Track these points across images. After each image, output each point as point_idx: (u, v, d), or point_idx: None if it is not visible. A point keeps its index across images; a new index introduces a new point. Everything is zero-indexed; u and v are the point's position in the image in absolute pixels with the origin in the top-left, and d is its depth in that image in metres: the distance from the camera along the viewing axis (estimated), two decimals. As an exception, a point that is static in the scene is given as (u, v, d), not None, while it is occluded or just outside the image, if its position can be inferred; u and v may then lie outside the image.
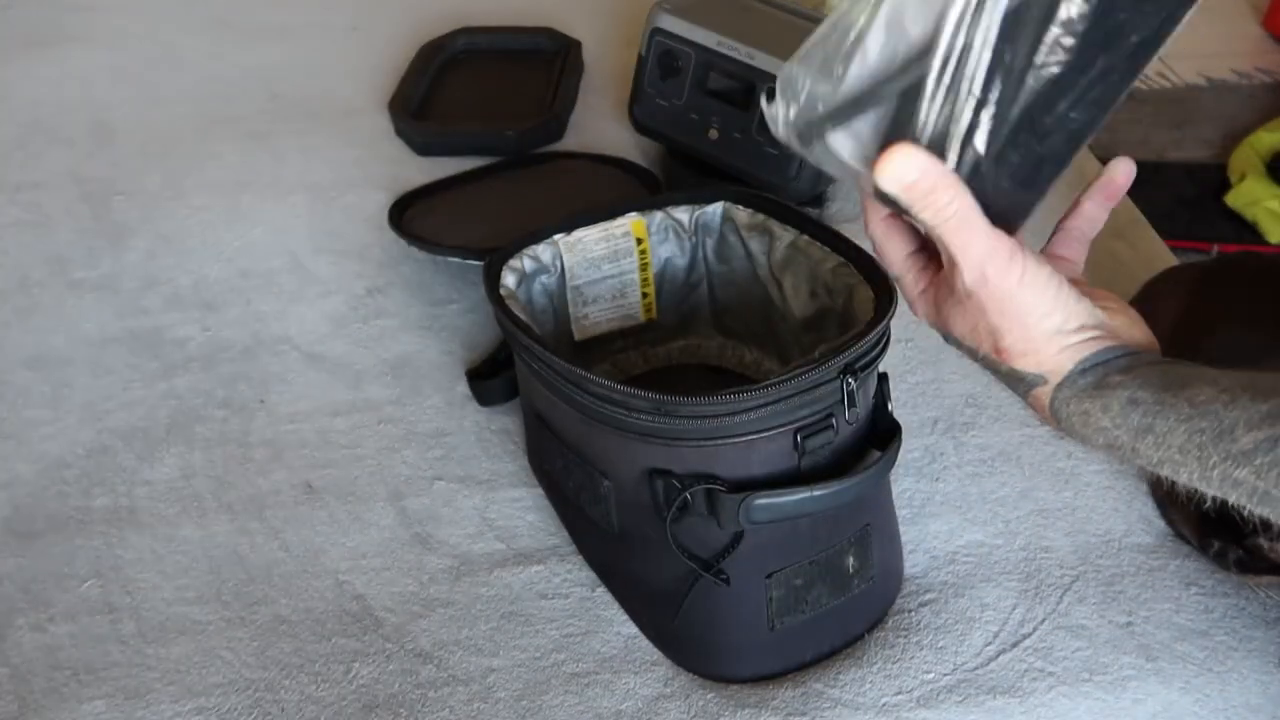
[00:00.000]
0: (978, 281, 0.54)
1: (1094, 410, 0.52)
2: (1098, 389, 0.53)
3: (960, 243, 0.53)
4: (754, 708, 0.73)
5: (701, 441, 0.68)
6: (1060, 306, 0.54)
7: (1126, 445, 0.51)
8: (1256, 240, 1.88)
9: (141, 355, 0.97)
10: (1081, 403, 0.53)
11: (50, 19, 1.41)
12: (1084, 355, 0.54)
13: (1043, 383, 0.55)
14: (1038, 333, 0.54)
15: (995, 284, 0.54)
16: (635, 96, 1.10)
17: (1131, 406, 0.51)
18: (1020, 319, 0.54)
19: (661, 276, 0.90)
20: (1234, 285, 0.93)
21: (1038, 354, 0.55)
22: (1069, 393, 0.54)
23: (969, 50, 0.51)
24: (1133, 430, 0.51)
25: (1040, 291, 0.54)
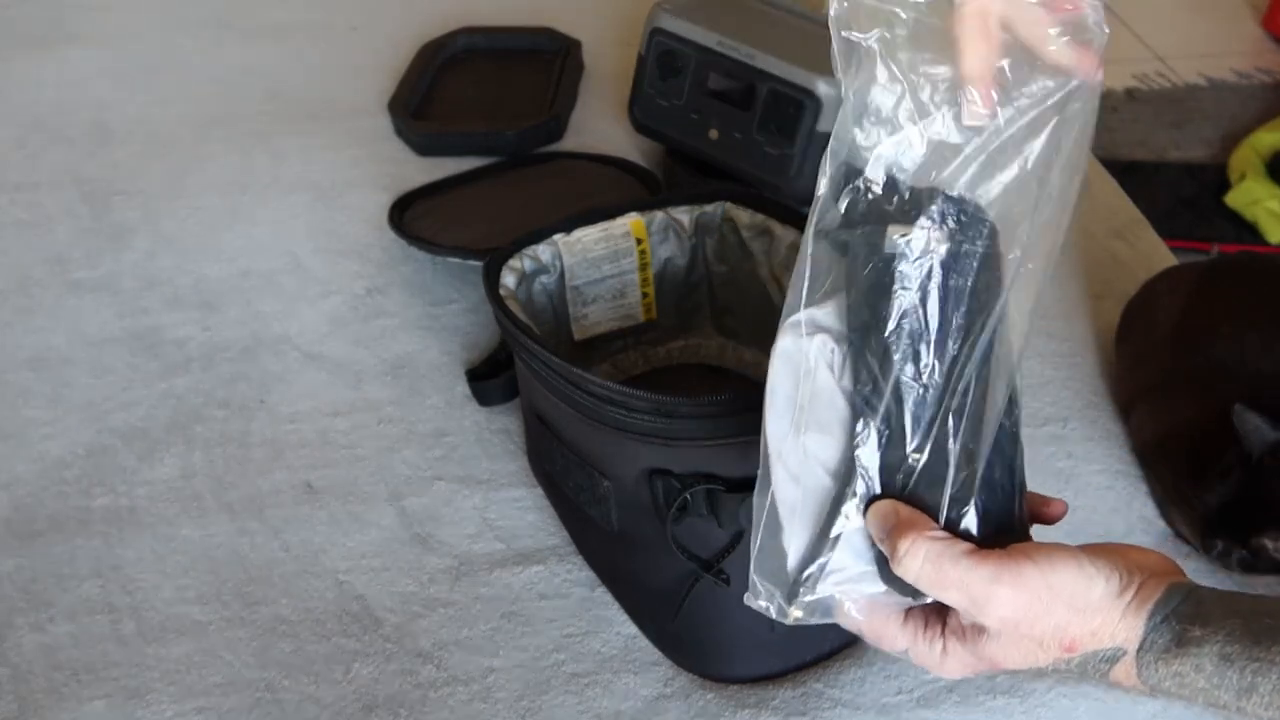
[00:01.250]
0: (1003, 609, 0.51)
1: (1186, 671, 0.49)
2: (1181, 646, 0.49)
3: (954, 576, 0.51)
4: (754, 708, 0.73)
5: (701, 441, 0.68)
6: (1095, 573, 0.51)
7: (1231, 704, 0.49)
8: (1256, 240, 1.88)
9: (141, 355, 0.97)
10: (1169, 665, 0.50)
11: (50, 19, 1.41)
12: (1147, 609, 0.50)
13: (1122, 655, 0.51)
14: (1092, 608, 0.51)
15: (1024, 596, 0.50)
16: (635, 96, 1.10)
17: (1226, 664, 0.48)
18: (1068, 604, 0.51)
19: (661, 276, 0.90)
20: (1234, 285, 0.93)
21: (1105, 628, 0.51)
22: (1153, 656, 0.50)
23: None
24: (1234, 690, 0.48)
25: (1065, 569, 0.51)
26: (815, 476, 0.54)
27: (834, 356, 0.54)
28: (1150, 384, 0.90)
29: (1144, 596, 0.51)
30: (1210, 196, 1.95)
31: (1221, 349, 0.86)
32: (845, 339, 0.54)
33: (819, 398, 0.54)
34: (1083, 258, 1.08)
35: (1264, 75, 2.33)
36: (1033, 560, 0.51)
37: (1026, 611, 0.50)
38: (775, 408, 0.55)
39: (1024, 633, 0.51)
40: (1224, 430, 0.80)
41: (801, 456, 0.54)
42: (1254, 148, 1.98)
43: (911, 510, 0.53)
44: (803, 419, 0.54)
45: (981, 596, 0.51)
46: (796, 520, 0.55)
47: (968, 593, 0.51)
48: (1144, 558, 0.53)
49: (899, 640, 0.56)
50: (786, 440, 0.54)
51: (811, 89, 0.98)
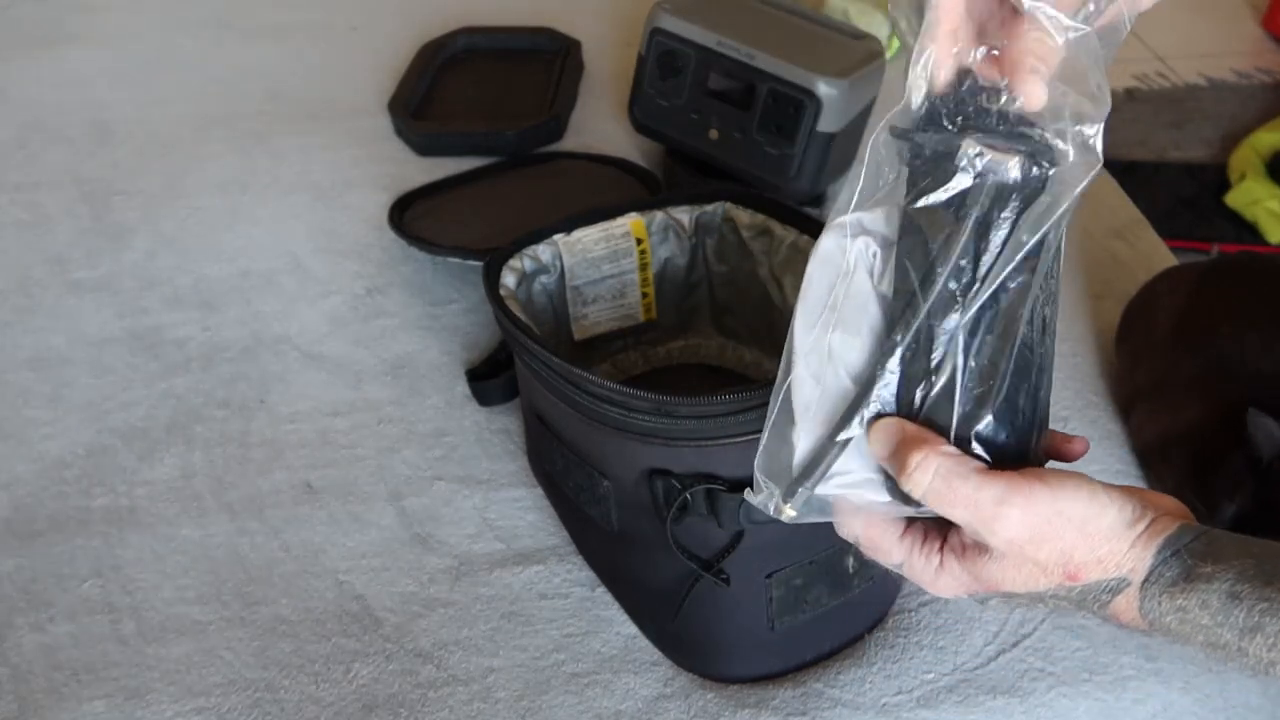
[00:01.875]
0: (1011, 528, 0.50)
1: (1191, 606, 0.48)
2: (1189, 581, 0.48)
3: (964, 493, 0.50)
4: (754, 708, 0.73)
5: (701, 441, 0.68)
6: (1108, 502, 0.50)
7: (1232, 644, 0.48)
8: (1256, 240, 1.88)
9: (141, 355, 0.97)
10: (1174, 599, 0.49)
11: (50, 19, 1.41)
12: (1158, 542, 0.49)
13: (1126, 585, 0.50)
14: (1103, 535, 0.50)
15: (1032, 517, 0.49)
16: (635, 96, 1.10)
17: (1233, 602, 0.47)
18: (1079, 529, 0.50)
19: (661, 276, 0.90)
20: (1234, 285, 0.93)
21: (1112, 556, 0.50)
22: (1158, 589, 0.49)
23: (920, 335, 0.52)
24: (1238, 629, 0.47)
25: (1076, 494, 0.50)
26: (836, 377, 0.53)
27: (875, 261, 0.53)
28: (1150, 384, 0.90)
29: (1156, 530, 0.50)
30: (1210, 196, 1.95)
31: (1222, 349, 0.86)
32: (890, 245, 0.53)
33: (852, 299, 0.53)
34: (1083, 258, 1.08)
35: (1264, 75, 2.33)
36: (1045, 483, 0.50)
37: (1034, 533, 0.50)
38: (806, 304, 0.54)
39: (1029, 555, 0.50)
40: (1225, 431, 0.80)
41: (825, 355, 0.53)
42: (1254, 148, 1.98)
43: (919, 428, 0.52)
44: (832, 318, 0.53)
45: (989, 515, 0.50)
46: (810, 418, 0.53)
47: (976, 511, 0.50)
48: (1160, 499, 0.52)
49: (895, 553, 0.55)
50: (812, 337, 0.53)
51: (811, 89, 0.98)
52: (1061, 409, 0.93)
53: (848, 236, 0.53)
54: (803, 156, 1.01)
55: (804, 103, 0.98)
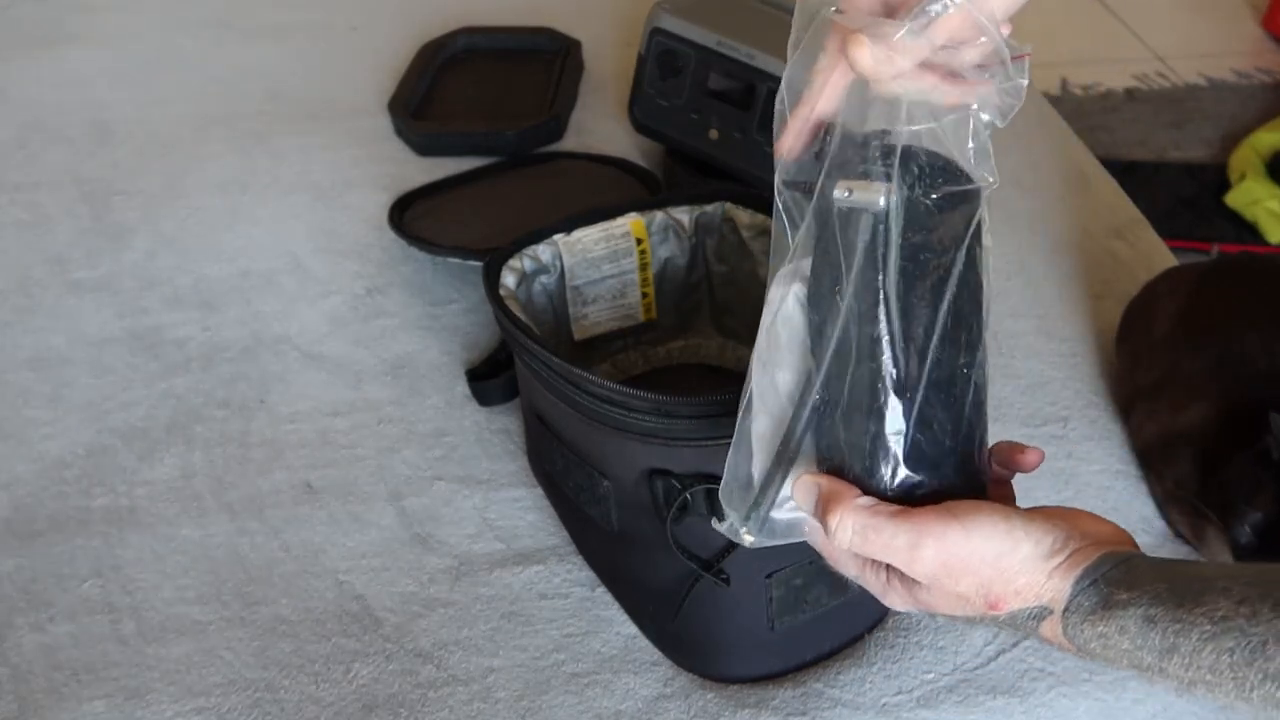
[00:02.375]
0: (927, 566, 0.52)
1: (1111, 633, 0.49)
2: (1107, 609, 0.50)
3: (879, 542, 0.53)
4: (754, 708, 0.73)
5: (701, 441, 0.68)
6: (1024, 536, 0.52)
7: (1153, 665, 0.49)
8: (1256, 240, 1.88)
9: (141, 355, 0.97)
10: (1095, 626, 0.50)
11: (50, 19, 1.41)
12: (1077, 573, 0.51)
13: (1048, 614, 0.52)
14: (1016, 569, 0.52)
15: (945, 555, 0.52)
16: (635, 96, 1.10)
17: (1149, 625, 0.48)
18: (993, 565, 0.52)
19: (661, 276, 0.90)
20: (1234, 285, 0.93)
21: (1030, 588, 0.52)
22: (1078, 618, 0.50)
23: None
24: (1156, 651, 0.48)
25: (992, 533, 0.52)
26: (782, 409, 0.57)
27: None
28: (1150, 384, 0.90)
29: (1076, 560, 0.51)
30: (1210, 196, 1.95)
31: (1222, 349, 0.86)
32: None
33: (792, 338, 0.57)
34: (1083, 258, 1.08)
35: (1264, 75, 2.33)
36: (959, 520, 0.52)
37: (948, 570, 0.52)
38: (758, 346, 0.58)
39: (949, 589, 0.53)
40: (1228, 431, 0.80)
41: (774, 391, 0.57)
42: (1254, 148, 1.98)
43: (833, 481, 0.55)
44: (775, 356, 0.57)
45: (906, 558, 0.53)
46: (762, 450, 0.58)
47: (894, 556, 0.53)
48: (1094, 526, 0.54)
49: (850, 568, 0.58)
50: (761, 375, 0.58)
51: (811, 89, 0.98)
52: (1061, 409, 0.93)
53: (785, 282, 0.58)
54: (803, 156, 1.00)
55: (804, 103, 0.98)
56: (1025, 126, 1.24)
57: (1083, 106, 2.20)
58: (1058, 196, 1.16)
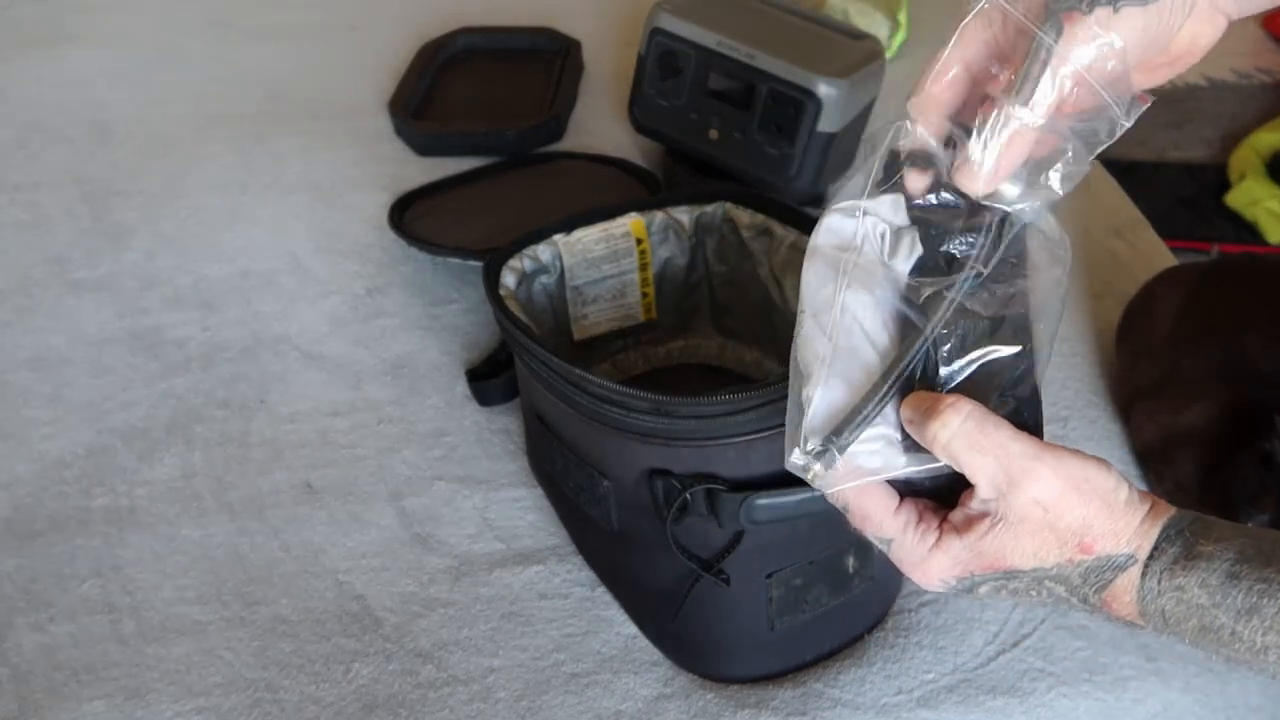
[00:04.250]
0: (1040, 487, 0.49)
1: (1190, 585, 0.48)
2: (1190, 559, 0.48)
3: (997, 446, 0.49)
4: (754, 708, 0.73)
5: (701, 441, 0.68)
6: (1120, 480, 0.50)
7: (1226, 627, 0.47)
8: (1256, 240, 1.88)
9: (141, 355, 0.97)
10: (1174, 577, 0.48)
11: (50, 19, 1.41)
12: (1163, 521, 0.50)
13: (1132, 563, 0.49)
14: (1119, 508, 0.50)
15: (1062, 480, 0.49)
16: (635, 96, 1.10)
17: (1232, 582, 0.47)
18: (1104, 499, 0.49)
19: (661, 276, 0.90)
20: (1234, 285, 0.93)
21: (1126, 530, 0.50)
22: (1161, 566, 0.49)
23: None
24: (1235, 610, 0.47)
25: (1099, 469, 0.50)
26: (848, 334, 0.53)
27: (884, 239, 0.54)
28: (1150, 384, 0.90)
29: (1159, 511, 0.50)
30: (1210, 196, 1.95)
31: (1222, 349, 0.86)
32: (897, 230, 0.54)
33: (862, 269, 0.53)
34: (1083, 257, 1.08)
35: (1264, 75, 2.32)
36: (1072, 453, 0.50)
37: (1062, 497, 0.49)
38: (815, 267, 0.54)
39: (1050, 521, 0.49)
40: (1229, 432, 0.80)
41: (839, 312, 0.53)
42: (1254, 148, 1.98)
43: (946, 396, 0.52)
44: (844, 280, 0.53)
45: (1019, 470, 0.49)
46: (824, 372, 0.53)
47: (1007, 463, 0.49)
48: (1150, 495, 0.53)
49: (887, 525, 0.53)
50: (823, 295, 0.53)
51: (811, 89, 0.98)
52: (1061, 409, 0.93)
53: (853, 215, 0.54)
54: (803, 156, 1.01)
55: (804, 103, 0.98)
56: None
57: (1083, 106, 2.19)
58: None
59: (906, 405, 0.52)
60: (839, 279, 0.54)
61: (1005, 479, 0.49)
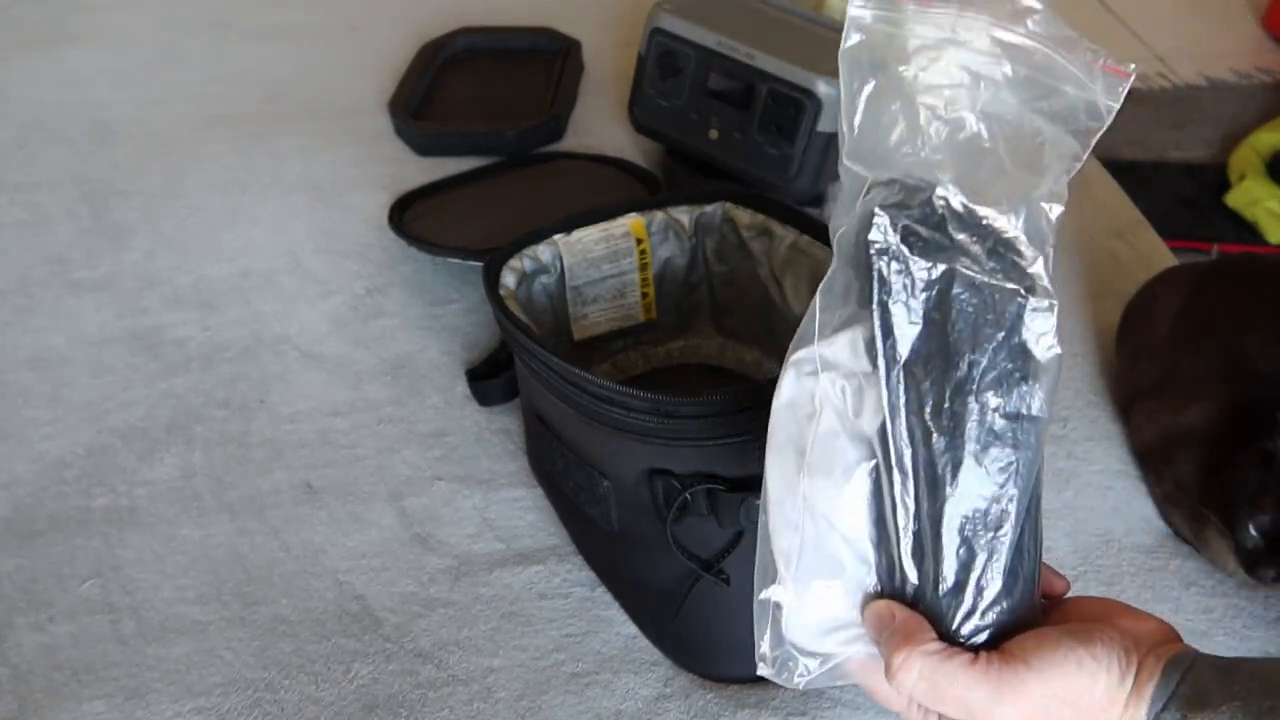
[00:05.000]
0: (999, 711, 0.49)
1: None
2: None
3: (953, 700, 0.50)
4: (754, 708, 0.73)
5: (701, 441, 0.68)
6: (1095, 666, 0.49)
7: None
8: (1256, 240, 1.88)
9: (141, 355, 0.97)
10: None
11: (50, 19, 1.41)
12: (1147, 699, 0.49)
13: None
14: (1096, 706, 0.49)
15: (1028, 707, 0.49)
16: (635, 96, 1.10)
17: None
18: (1074, 705, 0.49)
19: (661, 276, 0.90)
20: (1234, 285, 0.93)
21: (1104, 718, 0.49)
22: None
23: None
24: None
25: (1064, 670, 0.49)
26: (814, 525, 0.51)
27: (845, 397, 0.51)
28: (1150, 384, 0.90)
29: (1143, 679, 0.49)
30: (1210, 196, 1.95)
31: (1222, 349, 0.86)
32: (857, 376, 0.50)
33: (822, 441, 0.51)
34: (1083, 258, 1.08)
35: (1264, 75, 2.32)
36: (1031, 668, 0.49)
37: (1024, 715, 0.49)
38: (774, 450, 0.53)
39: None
40: (1229, 432, 0.80)
41: (800, 503, 0.51)
42: (1254, 148, 1.98)
43: (909, 615, 0.51)
44: (803, 462, 0.51)
45: (982, 714, 0.49)
46: (794, 570, 0.52)
47: (968, 710, 0.50)
48: (1136, 625, 0.52)
49: (894, 702, 0.54)
50: (784, 485, 0.52)
51: (811, 89, 0.98)
52: (1061, 409, 0.93)
53: (805, 375, 0.51)
54: (803, 156, 1.01)
55: (804, 103, 0.98)
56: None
57: (1083, 106, 2.19)
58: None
59: (867, 624, 0.52)
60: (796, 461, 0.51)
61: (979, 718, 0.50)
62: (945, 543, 0.50)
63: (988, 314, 0.50)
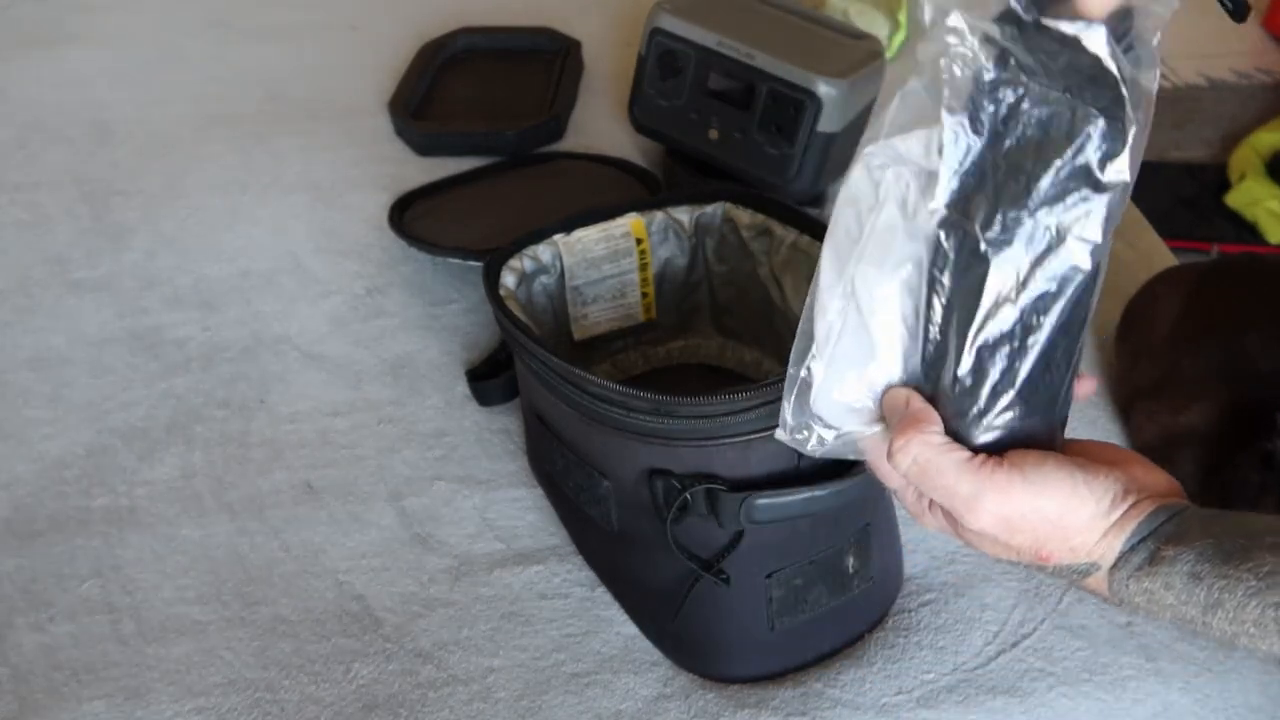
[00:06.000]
0: (983, 520, 0.52)
1: (1156, 589, 0.50)
2: (1153, 564, 0.50)
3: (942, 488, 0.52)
4: (754, 708, 0.73)
5: (701, 441, 0.68)
6: (1088, 494, 0.51)
7: (1197, 619, 0.49)
8: (1256, 240, 1.88)
9: (141, 355, 0.97)
10: (1141, 582, 0.50)
11: (50, 19, 1.41)
12: (1128, 531, 0.51)
13: (1096, 569, 0.52)
14: (1075, 528, 0.51)
15: (1006, 511, 0.51)
16: (635, 96, 1.10)
17: (1195, 581, 0.49)
18: (1054, 523, 0.51)
19: (661, 276, 0.90)
20: (1234, 285, 0.93)
21: (1083, 545, 0.51)
22: (1126, 574, 0.51)
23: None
24: (1201, 606, 0.49)
25: (1057, 490, 0.51)
26: (855, 313, 0.53)
27: (909, 192, 0.51)
28: (1150, 384, 0.90)
29: (1131, 516, 0.51)
30: (1210, 196, 1.96)
31: (1222, 349, 0.86)
32: (925, 174, 0.51)
33: (880, 234, 0.52)
34: (1083, 258, 1.08)
35: (1264, 75, 2.33)
36: (1025, 477, 0.51)
37: (1005, 526, 0.52)
38: (834, 238, 0.54)
39: (1001, 540, 0.52)
40: (1229, 432, 0.80)
41: (849, 289, 0.53)
42: (1254, 148, 1.98)
43: (923, 406, 0.53)
44: (857, 250, 0.52)
45: (962, 507, 0.52)
46: (828, 351, 0.54)
47: (950, 501, 0.52)
48: (1147, 475, 0.53)
49: (892, 479, 0.57)
50: (836, 270, 0.53)
51: (811, 89, 0.98)
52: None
53: (875, 167, 0.52)
54: (803, 156, 1.01)
55: (804, 103, 0.98)
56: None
57: (1083, 107, 2.19)
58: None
59: (885, 408, 0.55)
60: (852, 250, 0.52)
61: (953, 510, 0.53)
62: (969, 344, 0.51)
63: (1054, 130, 0.49)
